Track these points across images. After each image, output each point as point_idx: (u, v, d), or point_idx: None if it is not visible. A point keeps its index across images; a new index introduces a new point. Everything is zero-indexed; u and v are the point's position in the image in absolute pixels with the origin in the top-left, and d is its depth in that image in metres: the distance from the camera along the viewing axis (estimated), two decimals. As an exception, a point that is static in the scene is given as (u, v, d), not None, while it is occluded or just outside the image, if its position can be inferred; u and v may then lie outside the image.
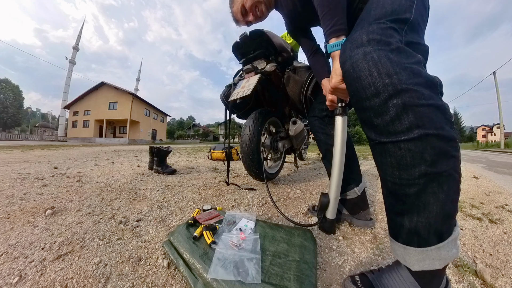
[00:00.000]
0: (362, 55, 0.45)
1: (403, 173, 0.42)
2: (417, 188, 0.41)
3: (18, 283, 0.52)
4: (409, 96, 0.40)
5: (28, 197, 1.17)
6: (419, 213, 0.42)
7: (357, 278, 0.53)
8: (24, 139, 24.68)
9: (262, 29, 1.20)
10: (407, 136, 0.40)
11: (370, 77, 0.43)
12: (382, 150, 0.45)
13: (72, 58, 39.18)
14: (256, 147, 1.24)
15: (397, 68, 0.41)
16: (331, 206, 0.78)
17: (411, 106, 0.40)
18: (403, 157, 0.42)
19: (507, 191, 1.63)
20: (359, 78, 0.45)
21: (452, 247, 0.43)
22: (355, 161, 0.91)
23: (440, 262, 0.43)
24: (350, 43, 0.49)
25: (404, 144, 0.41)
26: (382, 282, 0.51)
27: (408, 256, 0.46)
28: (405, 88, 0.40)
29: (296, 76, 1.20)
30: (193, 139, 50.79)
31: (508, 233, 0.88)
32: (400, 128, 0.41)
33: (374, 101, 0.43)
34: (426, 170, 0.40)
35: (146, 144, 18.20)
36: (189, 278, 0.53)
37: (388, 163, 0.44)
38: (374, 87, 0.43)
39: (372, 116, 0.44)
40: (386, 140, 0.43)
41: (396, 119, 0.41)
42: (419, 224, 0.43)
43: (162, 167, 1.97)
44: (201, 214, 0.85)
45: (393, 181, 0.45)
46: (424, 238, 0.43)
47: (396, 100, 0.40)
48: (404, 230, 0.45)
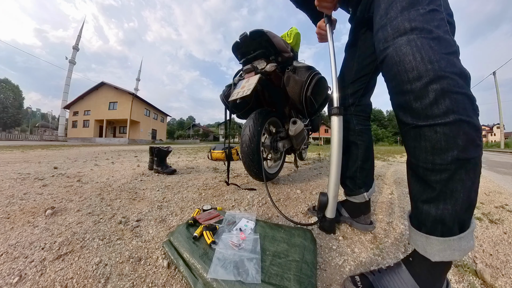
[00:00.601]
0: (407, 41, 0.46)
1: (436, 158, 0.43)
2: (448, 174, 0.43)
3: (18, 283, 0.52)
4: (447, 83, 0.42)
5: (28, 197, 1.17)
6: (446, 200, 0.44)
7: (357, 279, 0.53)
8: (24, 139, 24.68)
9: (262, 29, 1.21)
10: (444, 120, 0.42)
11: (414, 61, 0.44)
12: (417, 134, 0.46)
13: (72, 58, 39.20)
14: (256, 147, 1.24)
15: (438, 56, 0.43)
16: (330, 205, 0.78)
17: (448, 92, 0.41)
18: (438, 141, 0.43)
19: (507, 191, 1.63)
20: (402, 62, 0.46)
21: (470, 239, 0.44)
22: (372, 163, 0.88)
23: (460, 253, 0.44)
24: (391, 30, 0.49)
25: (440, 128, 0.42)
26: (382, 283, 0.50)
27: (429, 246, 0.46)
28: (444, 75, 0.42)
29: (296, 76, 1.20)
30: (193, 139, 50.79)
31: (508, 233, 0.88)
32: (438, 112, 0.42)
33: (415, 84, 0.44)
34: (458, 155, 0.41)
35: (146, 144, 18.20)
36: (189, 278, 0.53)
37: (423, 148, 0.45)
38: (417, 71, 0.44)
39: (412, 99, 0.45)
40: (423, 123, 0.44)
41: (434, 103, 0.42)
42: (445, 211, 0.44)
43: (162, 167, 1.97)
44: (201, 214, 0.85)
45: (425, 166, 0.46)
46: (449, 227, 0.44)
47: (436, 85, 0.42)
48: (429, 219, 0.46)
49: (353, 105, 0.86)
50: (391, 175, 2.17)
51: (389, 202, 1.24)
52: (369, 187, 0.86)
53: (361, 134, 0.85)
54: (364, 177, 0.85)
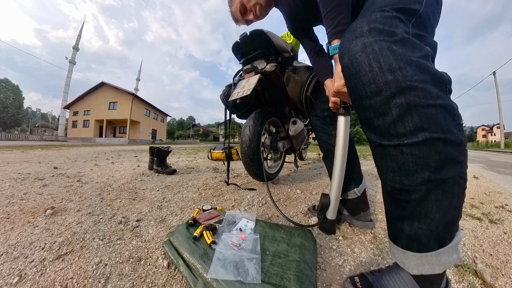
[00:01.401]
0: (362, 46, 0.40)
1: (404, 179, 0.40)
2: (418, 194, 0.39)
3: (18, 283, 0.52)
4: (414, 95, 0.36)
5: (28, 197, 1.17)
6: (420, 220, 0.40)
7: (356, 280, 0.53)
8: (24, 139, 24.68)
9: (262, 29, 1.20)
10: (411, 140, 0.37)
11: (370, 73, 0.38)
12: (382, 153, 0.42)
13: (72, 58, 39.22)
14: (256, 147, 1.24)
15: (401, 62, 0.37)
16: (331, 206, 0.78)
17: (416, 107, 0.36)
18: (405, 162, 0.38)
19: (507, 191, 1.63)
20: (358, 74, 0.40)
21: (453, 252, 0.41)
22: (356, 161, 0.91)
23: (439, 267, 0.42)
24: (349, 33, 0.44)
25: (406, 148, 0.38)
26: (382, 283, 0.50)
27: (407, 260, 0.45)
28: (410, 85, 0.36)
29: (296, 76, 1.20)
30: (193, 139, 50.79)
31: (508, 233, 0.88)
32: (403, 131, 0.37)
33: (374, 100, 0.39)
34: (430, 176, 0.37)
35: (146, 144, 18.20)
36: (189, 278, 0.53)
37: (389, 167, 0.41)
38: (374, 84, 0.38)
39: (373, 116, 0.40)
40: (387, 143, 0.40)
41: (399, 120, 0.37)
42: (420, 231, 0.41)
43: (162, 167, 1.97)
44: (201, 214, 0.85)
45: (393, 185, 0.42)
46: (424, 244, 0.42)
47: (400, 100, 0.36)
48: (403, 235, 0.44)
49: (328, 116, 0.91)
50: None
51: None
52: (359, 183, 0.88)
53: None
54: (351, 174, 0.86)
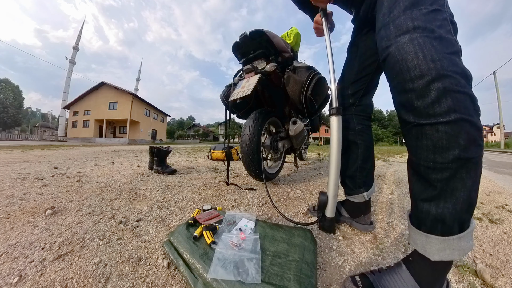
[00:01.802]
0: (409, 39, 0.46)
1: (438, 156, 0.44)
2: (449, 172, 0.43)
3: (18, 283, 0.52)
4: (449, 81, 0.42)
5: (28, 197, 1.17)
6: (446, 199, 0.44)
7: (357, 279, 0.53)
8: (24, 139, 24.67)
9: (262, 29, 1.21)
10: (445, 119, 0.42)
11: (416, 60, 0.44)
12: (419, 133, 0.46)
13: (72, 58, 39.20)
14: (256, 147, 1.24)
15: (440, 55, 0.43)
16: (329, 204, 0.78)
17: (450, 91, 0.42)
18: (439, 139, 0.43)
19: (507, 191, 1.63)
20: (405, 60, 0.46)
21: (470, 239, 0.45)
22: (372, 163, 0.87)
23: (459, 253, 0.44)
24: (394, 28, 0.49)
25: (442, 127, 0.43)
26: (382, 283, 0.50)
27: (429, 245, 0.47)
28: (446, 74, 0.42)
29: (296, 76, 1.20)
30: (193, 139, 50.80)
31: (508, 233, 0.88)
32: (439, 111, 0.42)
33: (417, 82, 0.44)
34: (460, 154, 0.42)
35: (146, 144, 18.20)
36: (189, 278, 0.53)
37: (424, 146, 0.46)
38: (419, 69, 0.44)
39: (414, 98, 0.45)
40: (425, 122, 0.44)
41: (436, 101, 0.42)
42: (446, 210, 0.44)
43: (162, 167, 1.97)
44: (201, 214, 0.85)
45: (426, 165, 0.46)
46: (449, 226, 0.44)
47: (438, 84, 0.42)
48: (429, 217, 0.47)
49: (353, 105, 0.86)
50: (391, 175, 2.17)
51: (389, 202, 1.24)
52: (369, 187, 0.86)
53: (361, 133, 0.85)
54: (364, 176, 0.85)
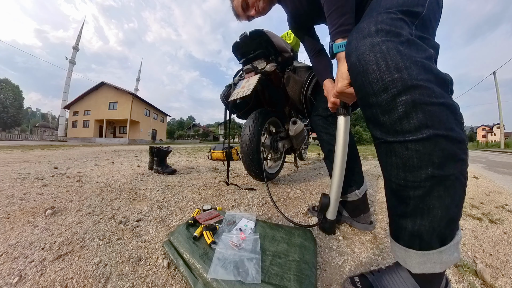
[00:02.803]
0: (370, 46, 0.42)
1: (408, 175, 0.41)
2: (422, 191, 0.40)
3: (18, 283, 0.52)
4: (419, 93, 0.37)
5: (28, 197, 1.17)
6: (422, 216, 0.41)
7: (356, 279, 0.53)
8: (24, 139, 24.68)
9: (262, 29, 1.20)
10: (415, 136, 0.38)
11: (377, 71, 0.40)
12: (387, 150, 0.43)
13: (72, 58, 39.21)
14: (256, 147, 1.24)
15: (407, 62, 0.38)
16: (331, 207, 0.78)
17: (421, 104, 0.37)
18: (410, 158, 0.40)
19: (507, 191, 1.63)
20: (366, 72, 0.42)
21: (454, 251, 0.42)
22: (357, 162, 0.90)
23: (441, 266, 0.42)
24: (356, 33, 0.46)
25: (411, 145, 0.39)
26: (382, 283, 0.50)
27: (409, 259, 0.45)
28: (416, 84, 0.37)
29: (296, 76, 1.20)
30: (193, 139, 50.80)
31: (508, 233, 0.88)
32: (408, 128, 0.39)
33: (381, 97, 0.40)
34: (433, 172, 0.38)
35: (146, 144, 18.20)
36: (189, 278, 0.53)
37: (394, 164, 0.42)
38: (381, 81, 0.40)
39: (379, 113, 0.42)
40: (393, 139, 0.41)
41: (404, 117, 0.39)
42: (422, 227, 0.42)
43: (162, 167, 1.97)
44: (201, 214, 0.85)
45: (397, 182, 0.43)
46: (427, 242, 0.42)
47: (405, 97, 0.38)
48: (406, 233, 0.44)
49: (330, 115, 0.89)
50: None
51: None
52: (360, 185, 0.87)
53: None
54: (352, 175, 0.86)
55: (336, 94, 0.62)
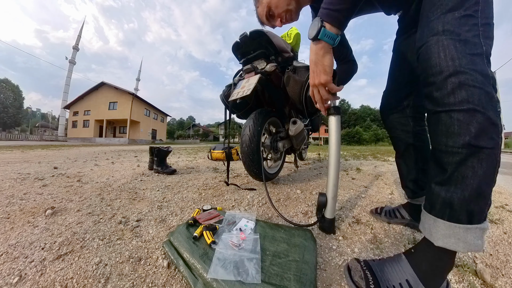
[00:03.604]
0: (436, 41, 0.52)
1: (450, 140, 0.48)
2: (459, 157, 0.46)
3: (18, 283, 0.52)
4: (465, 77, 0.46)
5: (28, 197, 1.17)
6: (456, 184, 0.47)
7: (360, 260, 0.57)
8: (24, 139, 24.67)
9: (262, 29, 1.20)
10: (458, 107, 0.46)
11: (438, 58, 0.50)
12: (436, 119, 0.51)
13: (72, 58, 39.22)
14: (256, 147, 1.24)
15: (460, 55, 0.48)
16: (329, 205, 0.78)
17: (465, 85, 0.46)
18: (452, 125, 0.47)
19: (507, 191, 1.63)
20: (429, 59, 0.52)
21: (479, 237, 0.45)
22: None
23: (464, 245, 0.45)
24: (428, 30, 0.55)
25: (454, 114, 0.47)
26: (382, 269, 0.53)
27: (435, 229, 0.49)
28: (463, 70, 0.47)
29: (296, 76, 1.20)
30: (193, 139, 50.80)
31: (508, 233, 0.88)
32: (454, 101, 0.47)
33: (437, 77, 0.50)
34: (470, 141, 0.45)
35: (146, 144, 18.20)
36: (189, 278, 0.53)
37: (439, 131, 0.50)
38: (439, 66, 0.50)
39: (433, 89, 0.51)
40: (441, 109, 0.49)
41: (452, 93, 0.47)
42: (454, 195, 0.47)
43: (162, 167, 1.97)
44: (201, 214, 0.85)
45: (439, 148, 0.50)
46: (456, 212, 0.47)
47: (454, 79, 0.47)
48: (439, 201, 0.49)
49: (408, 107, 0.85)
50: (391, 175, 2.17)
51: (389, 202, 1.24)
52: None
53: (419, 135, 0.84)
54: (426, 178, 0.82)
55: (316, 85, 0.68)
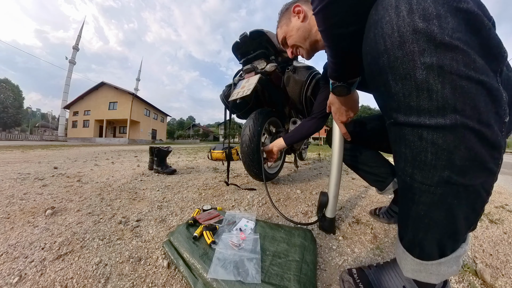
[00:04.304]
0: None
1: (417, 173, 0.31)
2: (430, 198, 0.31)
3: (18, 283, 0.52)
4: (451, 57, 0.25)
5: (28, 197, 1.17)
6: (426, 230, 0.35)
7: (354, 271, 0.54)
8: (24, 139, 24.68)
9: (262, 29, 1.21)
10: (435, 121, 0.27)
11: (395, 18, 0.27)
12: (397, 135, 0.32)
13: (72, 58, 39.23)
14: (256, 147, 1.24)
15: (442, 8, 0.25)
16: (330, 204, 0.78)
17: (451, 74, 0.25)
18: (422, 151, 0.29)
19: (507, 191, 1.63)
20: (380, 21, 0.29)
21: (453, 264, 0.37)
22: None
23: (437, 277, 0.39)
24: None
25: (428, 133, 0.28)
26: (378, 277, 0.51)
27: (404, 262, 0.42)
28: (448, 42, 0.25)
29: (296, 76, 1.20)
30: (193, 139, 50.80)
31: (508, 233, 0.88)
32: (428, 105, 0.27)
33: (395, 55, 0.28)
34: (450, 177, 0.29)
35: (146, 144, 18.20)
36: (189, 278, 0.53)
37: (402, 154, 0.32)
38: (398, 32, 0.27)
39: (390, 79, 0.29)
40: (404, 120, 0.30)
41: (424, 88, 0.27)
42: (424, 241, 0.37)
43: (162, 167, 1.97)
44: (201, 214, 0.85)
45: (403, 178, 0.34)
46: (427, 253, 0.38)
47: (430, 58, 0.26)
48: (407, 238, 0.40)
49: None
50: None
51: (389, 201, 1.24)
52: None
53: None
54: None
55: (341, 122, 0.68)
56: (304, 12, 0.77)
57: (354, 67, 0.46)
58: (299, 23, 0.78)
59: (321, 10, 0.36)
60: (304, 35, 0.78)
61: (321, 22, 0.38)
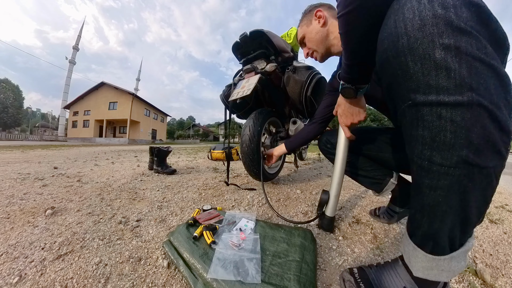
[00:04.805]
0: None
1: (436, 155, 0.31)
2: (449, 180, 0.31)
3: (18, 283, 0.52)
4: (466, 40, 0.28)
5: (28, 197, 1.17)
6: (443, 217, 0.34)
7: (355, 271, 0.54)
8: (24, 139, 24.68)
9: (262, 29, 1.21)
10: (454, 98, 0.28)
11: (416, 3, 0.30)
12: (414, 118, 0.33)
13: (72, 58, 39.24)
14: (256, 147, 1.24)
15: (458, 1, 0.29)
16: (331, 203, 0.78)
17: (466, 55, 0.28)
18: (441, 131, 0.30)
19: (507, 191, 1.63)
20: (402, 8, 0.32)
21: (462, 259, 0.38)
22: None
23: (448, 274, 0.38)
24: None
25: (446, 111, 0.29)
26: (379, 277, 0.51)
27: (414, 259, 0.41)
28: (463, 28, 0.28)
29: (296, 76, 1.20)
30: (193, 139, 50.80)
31: (508, 233, 0.88)
32: (446, 83, 0.28)
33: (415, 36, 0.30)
34: (468, 157, 0.29)
35: (146, 144, 18.20)
36: (189, 278, 0.53)
37: (419, 137, 0.33)
38: (419, 17, 0.29)
39: (409, 60, 0.31)
40: (423, 99, 0.31)
41: (443, 67, 0.28)
42: (439, 231, 0.36)
43: (162, 167, 1.97)
44: (201, 214, 0.85)
45: (420, 163, 0.34)
46: (441, 246, 0.37)
47: (448, 40, 0.28)
48: (420, 232, 0.39)
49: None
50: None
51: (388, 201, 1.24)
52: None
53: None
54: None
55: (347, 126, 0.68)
56: (325, 18, 0.84)
57: (365, 73, 0.52)
58: (319, 27, 0.86)
59: (343, 15, 0.41)
60: (321, 39, 0.86)
61: (342, 25, 0.43)
